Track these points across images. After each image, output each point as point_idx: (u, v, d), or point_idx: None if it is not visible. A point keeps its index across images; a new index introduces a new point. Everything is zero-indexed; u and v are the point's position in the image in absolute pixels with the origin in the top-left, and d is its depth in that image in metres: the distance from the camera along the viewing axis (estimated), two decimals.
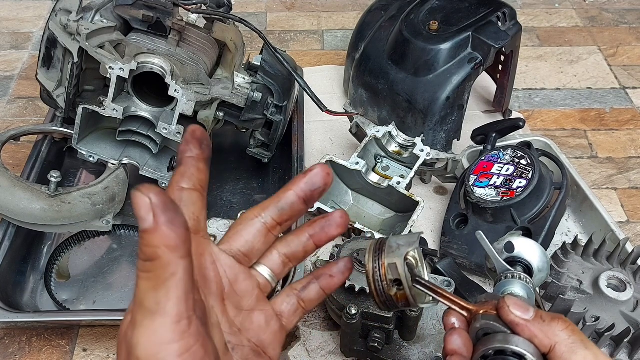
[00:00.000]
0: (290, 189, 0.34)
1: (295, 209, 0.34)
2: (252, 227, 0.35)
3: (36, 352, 0.64)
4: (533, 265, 0.38)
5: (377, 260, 0.35)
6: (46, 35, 0.67)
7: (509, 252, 0.39)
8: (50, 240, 0.73)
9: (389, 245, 0.36)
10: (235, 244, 0.34)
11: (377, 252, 0.36)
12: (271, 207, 0.34)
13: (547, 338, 0.31)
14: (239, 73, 0.70)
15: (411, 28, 0.79)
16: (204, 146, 0.32)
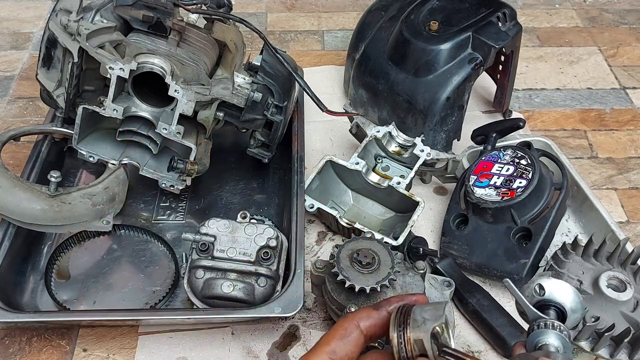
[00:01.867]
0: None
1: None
2: (359, 345, 0.38)
3: (36, 352, 0.64)
4: (566, 306, 0.38)
5: (402, 334, 0.35)
6: (46, 35, 0.67)
7: (539, 295, 0.38)
8: (50, 240, 0.73)
9: (413, 319, 0.36)
10: None
11: (402, 325, 0.36)
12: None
13: None
14: (239, 73, 0.70)
15: (411, 28, 0.79)
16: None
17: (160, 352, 0.63)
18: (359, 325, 0.37)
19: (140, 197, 0.78)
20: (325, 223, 0.77)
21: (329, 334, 0.37)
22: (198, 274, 0.61)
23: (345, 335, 0.37)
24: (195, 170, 0.69)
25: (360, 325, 0.38)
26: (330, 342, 0.37)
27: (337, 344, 0.36)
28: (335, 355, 0.36)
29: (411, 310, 0.36)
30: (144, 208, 0.77)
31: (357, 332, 0.37)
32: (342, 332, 0.37)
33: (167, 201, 0.78)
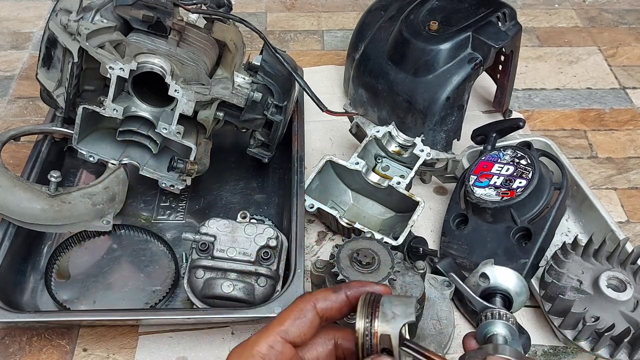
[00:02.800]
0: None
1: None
2: (327, 343, 0.37)
3: (36, 352, 0.64)
4: (511, 291, 0.38)
5: (369, 327, 0.34)
6: (46, 35, 0.67)
7: (484, 284, 0.39)
8: (50, 240, 0.73)
9: (383, 312, 0.34)
10: (309, 354, 0.37)
11: (370, 317, 0.34)
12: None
13: None
14: (239, 73, 0.70)
15: (411, 28, 0.79)
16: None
17: (160, 352, 0.63)
18: (315, 307, 0.36)
19: (140, 197, 0.78)
20: (325, 223, 0.77)
21: (283, 314, 0.36)
22: (198, 273, 0.61)
23: (300, 316, 0.35)
24: (195, 170, 0.69)
25: (316, 306, 0.36)
26: (284, 322, 0.35)
27: (291, 324, 0.35)
28: (287, 335, 0.35)
29: (380, 301, 0.35)
30: (144, 208, 0.77)
31: (312, 313, 0.35)
32: (297, 312, 0.35)
33: (167, 201, 0.78)
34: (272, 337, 0.34)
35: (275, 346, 0.34)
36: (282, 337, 0.34)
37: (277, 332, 0.35)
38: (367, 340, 0.34)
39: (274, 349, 0.34)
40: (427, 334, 0.61)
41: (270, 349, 0.34)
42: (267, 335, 0.35)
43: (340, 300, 0.36)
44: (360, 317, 0.34)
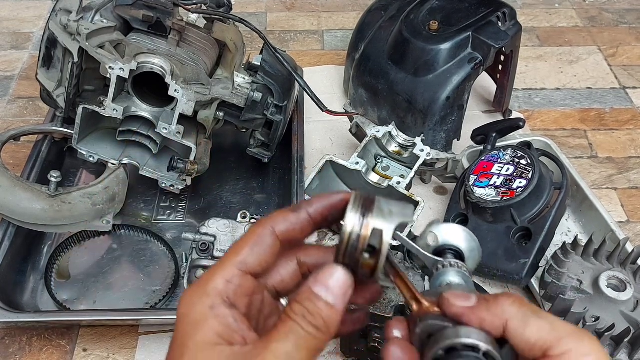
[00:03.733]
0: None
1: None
2: (290, 264, 0.34)
3: (36, 352, 0.64)
4: (462, 247, 0.36)
5: (361, 218, 0.30)
6: (46, 35, 0.67)
7: (434, 243, 0.36)
8: (51, 240, 0.73)
9: (379, 207, 0.31)
10: (271, 280, 0.34)
11: (363, 208, 0.30)
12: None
13: (497, 318, 0.29)
14: (239, 73, 0.70)
15: (411, 28, 0.79)
16: (330, 216, 0.32)
17: (160, 352, 0.63)
18: (273, 231, 0.31)
19: (140, 197, 0.78)
20: None
21: (239, 243, 0.31)
22: (198, 273, 0.61)
23: (257, 243, 0.31)
24: (195, 170, 0.69)
25: (275, 230, 0.32)
26: (240, 252, 0.31)
27: (248, 253, 0.31)
28: (246, 266, 0.31)
29: (375, 199, 0.31)
30: (144, 208, 0.77)
31: (271, 238, 0.31)
32: (255, 239, 0.31)
33: (167, 201, 0.78)
34: (228, 270, 0.30)
35: (233, 280, 0.30)
36: (239, 269, 0.30)
37: (233, 264, 0.31)
38: (354, 237, 0.30)
39: (231, 283, 0.30)
40: None
41: (227, 284, 0.30)
42: (222, 269, 0.30)
43: (301, 220, 0.32)
44: (352, 210, 0.30)
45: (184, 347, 0.29)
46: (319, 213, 0.32)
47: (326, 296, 0.29)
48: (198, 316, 0.29)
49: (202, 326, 0.29)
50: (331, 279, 0.29)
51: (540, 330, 0.28)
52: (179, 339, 0.29)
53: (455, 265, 0.34)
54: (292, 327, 0.28)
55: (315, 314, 0.28)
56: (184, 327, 0.30)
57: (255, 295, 0.32)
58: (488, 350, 0.28)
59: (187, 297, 0.30)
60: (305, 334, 0.28)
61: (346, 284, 0.29)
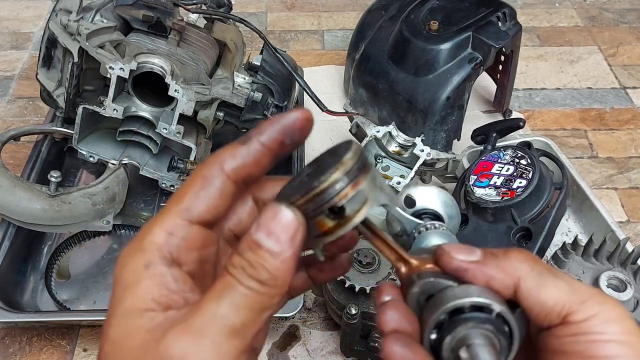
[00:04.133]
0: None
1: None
2: (246, 203, 0.28)
3: (36, 352, 0.64)
4: (441, 212, 0.32)
5: (354, 174, 0.25)
6: (46, 35, 0.67)
7: (410, 206, 0.32)
8: (51, 240, 0.73)
9: (373, 175, 0.26)
10: (227, 223, 0.28)
11: (360, 167, 0.25)
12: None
13: (507, 275, 0.24)
14: (239, 73, 0.70)
15: (411, 28, 0.79)
16: (287, 140, 0.26)
17: None
18: (222, 169, 0.26)
19: (140, 197, 0.78)
20: None
21: (181, 188, 0.26)
22: None
23: (203, 185, 0.25)
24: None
25: (224, 168, 0.26)
26: (183, 198, 0.25)
27: (192, 198, 0.25)
28: (190, 214, 0.25)
29: (371, 166, 0.26)
30: (144, 208, 0.77)
31: (220, 178, 0.26)
32: (200, 182, 0.26)
33: (167, 201, 0.77)
34: (169, 220, 0.25)
35: (176, 231, 0.25)
36: (183, 219, 0.25)
37: (175, 214, 0.25)
38: (335, 190, 0.24)
39: (173, 235, 0.25)
40: None
41: (168, 237, 0.25)
42: (163, 219, 0.25)
43: (253, 152, 0.26)
44: (350, 159, 0.25)
45: (112, 315, 0.24)
46: (272, 139, 0.26)
47: (269, 243, 0.23)
48: (130, 277, 0.24)
49: (133, 288, 0.24)
50: (274, 221, 0.24)
51: (559, 292, 0.24)
52: (110, 306, 0.24)
53: (439, 227, 0.30)
54: (229, 284, 0.23)
55: (258, 266, 0.23)
56: (116, 291, 0.25)
57: (209, 247, 0.27)
58: (502, 311, 0.24)
59: (122, 255, 0.25)
60: (247, 290, 0.23)
61: (293, 225, 0.24)
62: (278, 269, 0.23)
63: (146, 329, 0.23)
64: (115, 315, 0.24)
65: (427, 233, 0.30)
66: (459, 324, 0.24)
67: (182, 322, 0.23)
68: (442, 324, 0.24)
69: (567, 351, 0.23)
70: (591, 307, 0.23)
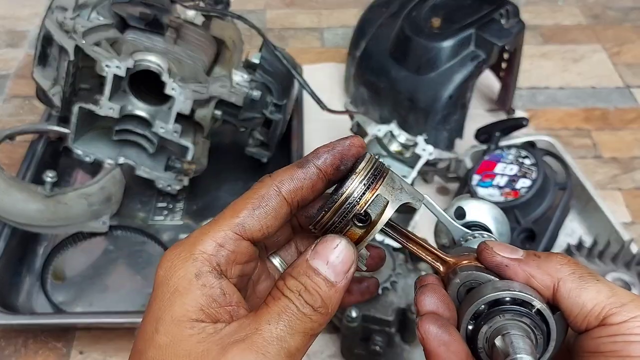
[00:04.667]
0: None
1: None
2: (281, 215, 0.28)
3: (32, 355, 0.63)
4: (491, 228, 0.31)
5: (369, 180, 0.26)
6: (42, 33, 0.66)
7: (460, 218, 0.31)
8: (46, 241, 0.72)
9: (391, 178, 0.27)
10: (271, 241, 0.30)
11: (376, 172, 0.27)
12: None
13: (548, 276, 0.25)
14: (238, 71, 0.69)
15: (413, 25, 0.78)
16: (342, 165, 0.27)
17: None
18: (279, 192, 0.26)
19: (137, 198, 0.77)
20: None
21: (238, 202, 0.26)
22: None
23: (260, 204, 0.26)
24: (193, 170, 0.68)
25: (281, 190, 0.26)
26: (240, 212, 0.26)
27: (247, 215, 0.26)
28: (244, 230, 0.25)
29: (388, 169, 0.27)
30: (141, 209, 0.76)
31: (276, 200, 0.26)
32: (257, 199, 0.26)
33: (164, 202, 0.77)
34: (222, 232, 0.25)
35: (226, 244, 0.25)
36: (236, 233, 0.25)
37: (229, 226, 0.25)
38: (355, 198, 0.26)
39: (224, 248, 0.25)
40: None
41: (218, 249, 0.25)
42: (215, 230, 0.25)
43: (310, 176, 0.27)
44: (363, 168, 0.26)
45: (159, 321, 0.24)
46: (329, 164, 0.27)
47: (326, 272, 0.25)
48: (180, 283, 0.24)
49: (183, 296, 0.24)
50: (333, 252, 0.25)
51: (599, 295, 0.24)
52: (155, 308, 0.24)
53: (487, 237, 0.30)
54: (285, 306, 0.24)
55: (313, 292, 0.24)
56: (162, 295, 0.25)
57: (251, 262, 0.27)
58: (542, 308, 0.24)
59: (169, 257, 0.25)
60: (301, 314, 0.24)
61: (350, 259, 0.25)
62: (331, 297, 0.25)
63: (197, 340, 0.23)
64: (163, 321, 0.24)
65: (474, 240, 0.30)
66: (498, 314, 0.25)
67: (243, 340, 0.23)
68: (481, 314, 0.25)
69: (604, 351, 0.24)
70: (631, 310, 0.24)
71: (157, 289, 0.25)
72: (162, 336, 0.24)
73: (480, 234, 0.30)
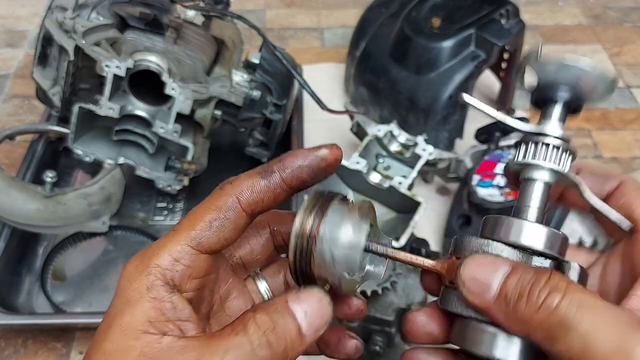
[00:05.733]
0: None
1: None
2: (261, 235, 0.29)
3: (32, 355, 0.63)
4: (581, 82, 0.25)
5: (317, 217, 0.25)
6: (42, 33, 0.66)
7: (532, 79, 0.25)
8: (46, 242, 0.72)
9: (342, 204, 0.26)
10: (239, 250, 0.29)
11: (320, 208, 0.25)
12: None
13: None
14: (237, 71, 0.69)
15: (413, 25, 0.78)
16: (309, 178, 0.26)
17: None
18: (238, 201, 0.26)
19: (136, 198, 0.77)
20: None
21: (195, 213, 0.26)
22: None
23: (218, 216, 0.25)
24: (193, 170, 0.68)
25: (241, 201, 0.26)
26: (195, 225, 0.25)
27: (205, 228, 0.25)
28: (200, 244, 0.25)
29: (338, 196, 0.26)
30: (141, 209, 0.76)
31: (235, 211, 0.25)
32: (215, 212, 0.25)
33: (164, 202, 0.76)
34: (178, 245, 0.25)
35: (182, 259, 0.25)
36: (192, 247, 0.25)
37: (185, 240, 0.25)
38: (305, 241, 0.25)
39: (179, 262, 0.25)
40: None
41: (173, 263, 0.25)
42: (172, 243, 0.25)
43: (273, 187, 0.26)
44: (305, 211, 0.25)
45: (108, 329, 0.24)
46: (295, 177, 0.26)
47: (302, 321, 0.24)
48: (132, 295, 0.24)
49: (133, 307, 0.24)
50: (314, 304, 0.24)
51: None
52: (108, 316, 0.25)
53: (557, 160, 0.27)
54: (239, 343, 0.23)
55: (281, 336, 0.23)
56: (115, 304, 0.25)
57: (211, 275, 0.27)
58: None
59: (128, 269, 0.25)
60: (255, 354, 0.23)
61: (327, 317, 0.25)
62: (294, 349, 0.24)
63: (140, 351, 0.23)
64: (111, 329, 0.24)
65: (537, 166, 0.27)
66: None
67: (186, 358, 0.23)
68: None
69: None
70: None
71: (114, 299, 0.25)
72: (109, 343, 0.24)
73: (550, 150, 0.25)
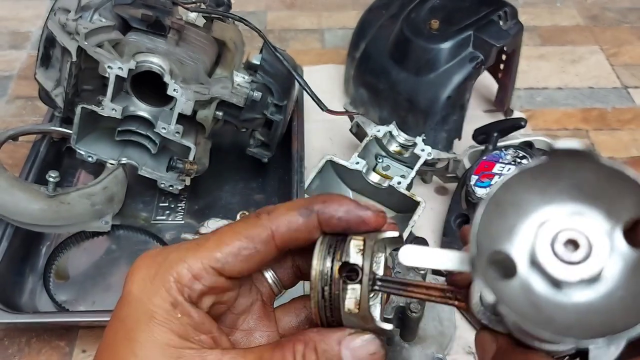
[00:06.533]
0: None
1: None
2: (267, 260, 0.28)
3: (35, 353, 0.63)
4: None
5: (332, 260, 0.25)
6: (45, 34, 0.67)
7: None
8: (49, 241, 0.72)
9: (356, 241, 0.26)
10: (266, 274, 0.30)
11: (333, 250, 0.25)
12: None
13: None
14: (239, 72, 0.70)
15: (412, 27, 0.79)
16: (342, 229, 0.25)
17: None
18: (273, 236, 0.25)
19: (139, 198, 0.77)
20: None
21: (225, 234, 0.25)
22: None
23: (247, 246, 0.24)
24: (195, 170, 0.69)
25: (275, 237, 0.25)
26: (222, 247, 0.24)
27: (231, 253, 0.24)
28: (222, 268, 0.24)
29: (348, 239, 0.25)
30: (143, 208, 0.76)
31: (267, 246, 0.25)
32: (246, 241, 0.24)
33: (166, 201, 0.77)
34: (199, 263, 0.24)
35: (202, 279, 0.24)
36: (214, 268, 0.24)
37: (209, 259, 0.24)
38: (326, 278, 0.24)
39: (198, 282, 0.24)
40: (428, 335, 0.60)
41: (193, 281, 0.24)
42: (192, 260, 0.24)
43: (310, 228, 0.25)
44: (319, 255, 0.25)
45: (135, 342, 0.24)
46: (331, 225, 0.25)
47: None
48: (157, 312, 0.24)
49: (162, 325, 0.24)
50: (367, 354, 0.24)
51: None
52: (127, 327, 0.24)
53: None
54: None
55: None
56: (134, 314, 0.24)
57: (228, 293, 0.26)
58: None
59: (140, 275, 0.25)
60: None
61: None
62: None
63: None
64: (139, 343, 0.24)
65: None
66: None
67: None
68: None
69: None
70: None
71: (125, 306, 0.25)
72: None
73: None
